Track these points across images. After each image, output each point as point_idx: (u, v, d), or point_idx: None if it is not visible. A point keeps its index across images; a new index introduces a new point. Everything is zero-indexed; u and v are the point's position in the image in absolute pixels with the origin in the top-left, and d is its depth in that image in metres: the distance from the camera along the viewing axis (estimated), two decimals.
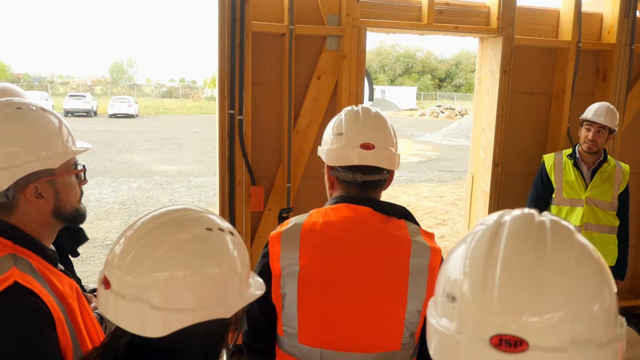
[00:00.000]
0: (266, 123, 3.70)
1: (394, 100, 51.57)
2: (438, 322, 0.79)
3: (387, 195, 12.45)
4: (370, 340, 1.54)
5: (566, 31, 4.26)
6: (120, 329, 1.00)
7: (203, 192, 12.01)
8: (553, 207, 3.84)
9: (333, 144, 1.67)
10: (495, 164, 4.08)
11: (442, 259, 1.55)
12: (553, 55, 4.36)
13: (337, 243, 1.57)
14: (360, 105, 1.75)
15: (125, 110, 35.44)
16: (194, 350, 1.03)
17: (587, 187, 3.76)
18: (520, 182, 4.27)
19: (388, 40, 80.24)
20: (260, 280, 1.14)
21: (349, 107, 1.76)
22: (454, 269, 0.80)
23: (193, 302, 0.97)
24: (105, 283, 1.00)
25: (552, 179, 3.82)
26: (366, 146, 1.62)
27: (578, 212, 3.76)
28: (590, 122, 3.69)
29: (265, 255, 1.59)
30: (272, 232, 1.61)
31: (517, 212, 0.83)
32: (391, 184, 1.75)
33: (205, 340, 1.04)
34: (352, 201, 1.62)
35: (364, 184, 1.64)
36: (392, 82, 72.05)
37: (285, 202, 3.63)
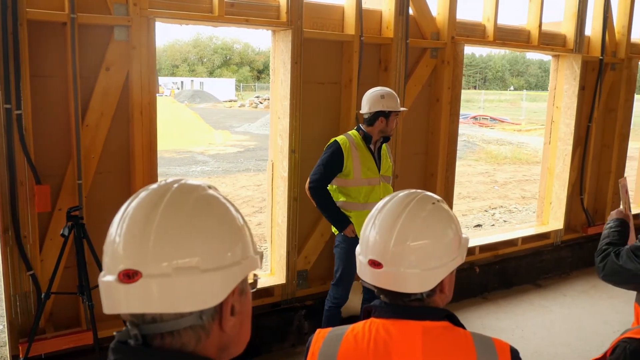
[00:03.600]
0: (51, 117, 3.46)
1: (213, 92, 51.01)
2: None
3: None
4: None
5: (350, 26, 4.62)
6: None
7: None
8: (352, 189, 3.99)
9: None
10: (292, 151, 4.29)
11: None
12: (340, 48, 4.70)
13: None
14: None
15: None
16: None
17: (379, 166, 4.12)
18: None
19: (205, 32, 78.95)
20: None
21: None
22: None
23: None
24: None
25: (351, 160, 4.04)
26: None
27: (377, 189, 4.06)
28: (397, 112, 4.06)
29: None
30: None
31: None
32: (209, 175, 1.93)
33: None
34: None
35: None
36: (210, 73, 71.12)
37: (77, 200, 3.45)
